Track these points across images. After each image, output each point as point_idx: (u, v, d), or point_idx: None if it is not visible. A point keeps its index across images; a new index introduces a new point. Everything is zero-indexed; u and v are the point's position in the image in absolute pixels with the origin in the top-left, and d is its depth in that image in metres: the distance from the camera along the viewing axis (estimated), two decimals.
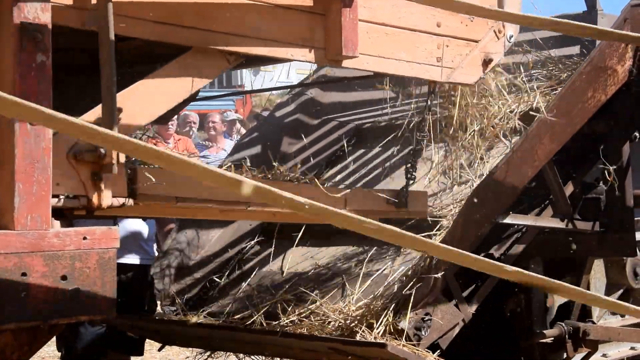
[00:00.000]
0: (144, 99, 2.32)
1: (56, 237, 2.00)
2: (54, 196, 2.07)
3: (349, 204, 2.83)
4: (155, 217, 4.69)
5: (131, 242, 4.52)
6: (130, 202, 2.26)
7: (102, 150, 2.17)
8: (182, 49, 2.41)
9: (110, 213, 2.35)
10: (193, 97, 3.19)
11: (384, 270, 3.33)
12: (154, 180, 2.31)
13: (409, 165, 3.04)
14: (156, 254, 4.63)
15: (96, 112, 2.21)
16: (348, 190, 2.84)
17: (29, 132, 1.99)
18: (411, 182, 3.03)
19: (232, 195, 2.53)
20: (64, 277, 1.99)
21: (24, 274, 1.94)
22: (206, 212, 2.68)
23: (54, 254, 1.99)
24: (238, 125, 10.68)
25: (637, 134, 3.52)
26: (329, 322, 3.15)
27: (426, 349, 2.94)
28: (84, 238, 2.04)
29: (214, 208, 2.53)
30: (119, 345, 4.56)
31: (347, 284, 3.36)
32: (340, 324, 3.11)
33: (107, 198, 2.19)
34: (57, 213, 2.17)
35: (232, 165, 2.83)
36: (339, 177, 4.16)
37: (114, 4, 2.17)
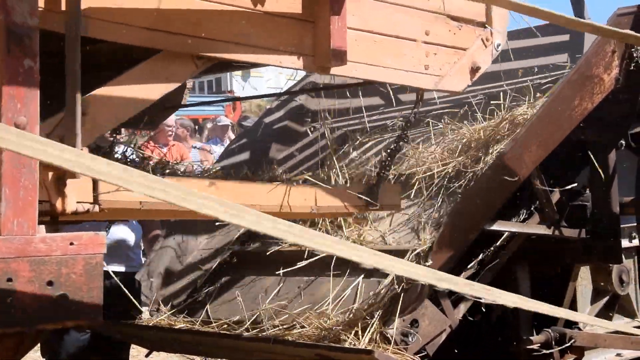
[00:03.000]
0: (109, 103, 2.29)
1: (43, 243, 1.99)
2: None
3: (319, 201, 2.81)
4: (140, 224, 4.68)
5: (117, 249, 4.51)
6: (96, 208, 2.23)
7: None
8: (150, 53, 2.38)
9: (75, 218, 2.33)
10: (180, 103, 3.19)
11: (372, 277, 3.34)
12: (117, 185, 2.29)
13: (383, 162, 3.02)
14: (143, 261, 4.62)
15: (60, 116, 2.18)
16: (318, 187, 2.81)
17: None
18: (383, 177, 2.99)
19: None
20: (50, 283, 1.98)
21: (9, 280, 1.93)
22: (172, 213, 2.65)
23: (40, 260, 1.98)
24: (230, 132, 10.68)
25: (624, 142, 3.54)
26: (316, 328, 3.16)
27: (413, 355, 2.95)
28: (71, 243, 2.03)
29: (179, 210, 2.51)
30: (104, 352, 4.54)
31: (335, 290, 3.36)
32: (327, 330, 3.11)
33: (71, 204, 2.16)
34: None
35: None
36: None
37: (98, 9, 2.17)
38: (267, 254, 3.87)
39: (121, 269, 4.56)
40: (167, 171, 2.65)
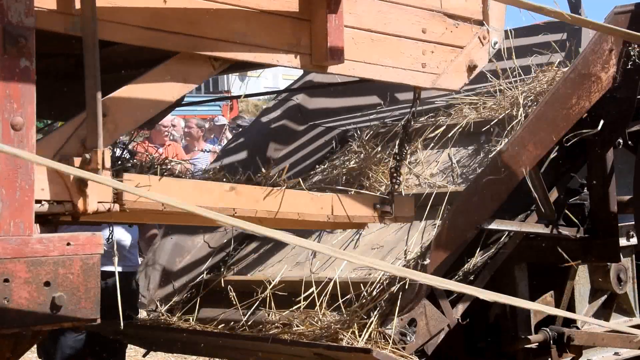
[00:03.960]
0: (129, 105, 2.31)
1: (39, 243, 1.98)
2: (37, 201, 2.06)
3: (335, 209, 2.82)
4: (138, 224, 4.67)
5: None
6: (116, 207, 2.25)
7: (87, 156, 2.16)
8: (168, 55, 2.40)
9: (95, 219, 2.34)
10: (178, 103, 3.19)
11: (371, 275, 3.33)
12: (139, 185, 2.30)
13: (393, 170, 3.04)
14: (140, 261, 4.61)
15: (81, 117, 2.20)
16: (334, 196, 2.83)
17: (12, 137, 1.97)
18: (396, 186, 3.03)
19: (219, 201, 2.52)
20: (47, 283, 1.98)
21: (6, 280, 1.92)
22: (192, 218, 2.67)
23: (37, 260, 1.97)
24: (227, 132, 10.67)
25: (621, 141, 3.54)
26: (315, 327, 3.15)
27: (412, 354, 2.95)
28: (68, 244, 2.02)
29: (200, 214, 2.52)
30: (100, 353, 4.53)
31: (334, 289, 3.35)
32: (325, 329, 3.11)
33: (92, 204, 2.17)
34: (42, 219, 2.15)
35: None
36: (324, 184, 4.16)
37: (101, 9, 2.17)
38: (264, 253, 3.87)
39: (118, 269, 4.54)
40: (159, 169, 2.63)
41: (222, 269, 3.91)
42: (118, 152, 2.95)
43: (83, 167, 2.15)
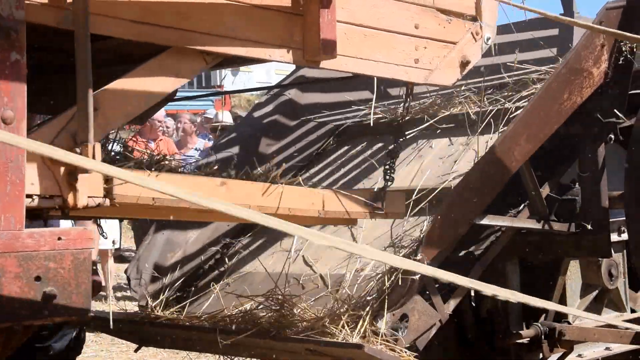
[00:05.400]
0: (120, 99, 2.31)
1: (30, 238, 1.98)
2: (28, 196, 2.05)
3: (327, 205, 2.82)
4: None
5: None
6: (107, 202, 2.24)
7: (78, 150, 2.15)
8: (160, 49, 2.40)
9: (86, 214, 2.33)
10: (171, 97, 3.18)
11: (364, 270, 3.34)
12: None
13: (387, 167, 3.04)
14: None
15: (72, 111, 2.20)
16: (325, 192, 2.83)
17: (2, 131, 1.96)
18: (389, 183, 3.03)
19: (209, 196, 2.51)
20: (38, 278, 1.98)
21: None
22: (183, 213, 2.66)
23: (27, 255, 1.97)
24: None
25: (612, 136, 3.55)
26: (307, 323, 3.15)
27: (403, 349, 2.95)
28: (59, 238, 2.02)
29: (191, 209, 2.52)
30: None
31: (326, 284, 3.35)
32: (317, 325, 3.10)
33: (82, 198, 2.17)
34: (32, 213, 2.15)
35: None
36: (317, 178, 4.16)
37: (93, 2, 2.16)
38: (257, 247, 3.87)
39: None
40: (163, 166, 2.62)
41: (218, 262, 3.91)
42: (117, 147, 2.94)
43: None
